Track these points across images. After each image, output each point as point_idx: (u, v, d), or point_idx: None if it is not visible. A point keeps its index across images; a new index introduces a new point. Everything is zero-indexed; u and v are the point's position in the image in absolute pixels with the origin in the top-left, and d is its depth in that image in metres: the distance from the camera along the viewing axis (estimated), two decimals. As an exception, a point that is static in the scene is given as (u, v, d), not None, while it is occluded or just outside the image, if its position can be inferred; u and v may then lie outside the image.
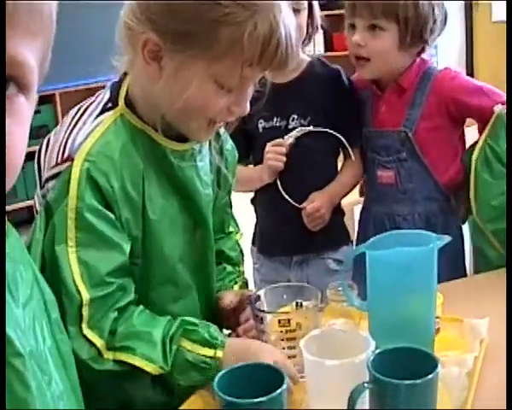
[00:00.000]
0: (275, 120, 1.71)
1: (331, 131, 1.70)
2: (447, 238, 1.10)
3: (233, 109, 1.11)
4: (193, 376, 1.09)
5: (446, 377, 1.08)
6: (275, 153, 1.67)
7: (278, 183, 1.71)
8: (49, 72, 0.61)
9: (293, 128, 1.70)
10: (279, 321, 1.15)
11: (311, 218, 1.69)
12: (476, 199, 1.59)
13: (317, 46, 4.86)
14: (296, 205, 1.72)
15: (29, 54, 0.56)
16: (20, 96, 0.57)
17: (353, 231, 1.99)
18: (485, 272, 1.59)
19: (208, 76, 1.06)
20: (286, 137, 1.69)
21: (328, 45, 5.13)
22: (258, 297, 1.21)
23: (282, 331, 1.15)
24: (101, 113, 1.12)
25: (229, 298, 1.28)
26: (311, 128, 1.70)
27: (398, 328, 1.14)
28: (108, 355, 1.07)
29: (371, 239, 1.16)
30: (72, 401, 0.71)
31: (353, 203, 2.26)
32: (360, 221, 1.86)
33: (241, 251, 1.46)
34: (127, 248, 1.11)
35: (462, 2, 5.60)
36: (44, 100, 4.07)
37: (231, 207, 1.44)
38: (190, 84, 1.06)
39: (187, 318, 1.13)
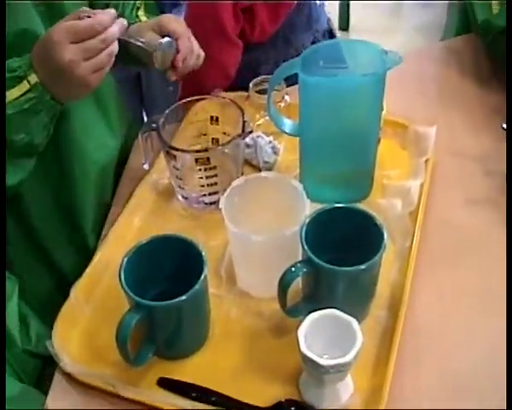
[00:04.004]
0: None
1: None
2: (399, 59, 0.89)
3: None
4: (31, 128, 0.86)
5: (388, 214, 0.97)
6: None
7: None
8: None
9: None
10: (196, 160, 0.96)
11: None
12: None
13: None
14: None
15: None
16: None
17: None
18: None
19: None
20: None
21: None
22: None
23: (200, 169, 0.97)
24: None
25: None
26: None
27: (334, 155, 0.99)
28: None
29: (304, 53, 0.93)
30: None
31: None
32: None
33: None
34: None
35: None
36: None
37: None
38: None
39: None
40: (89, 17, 0.83)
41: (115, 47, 0.85)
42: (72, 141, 0.99)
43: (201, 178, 0.98)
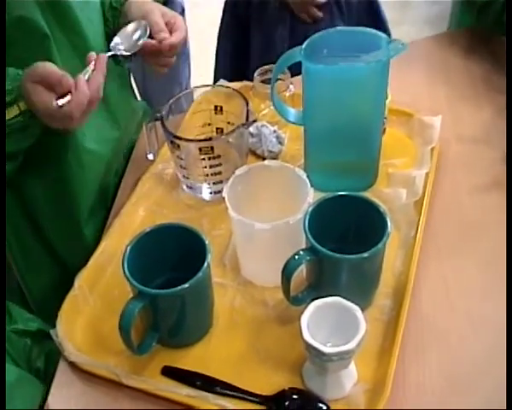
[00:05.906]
0: None
1: None
2: (402, 47, 0.88)
3: None
4: (20, 141, 0.88)
5: (393, 203, 0.96)
6: None
7: None
8: None
9: None
10: (200, 149, 0.96)
11: None
12: None
13: None
14: None
15: None
16: None
17: None
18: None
19: None
20: None
21: None
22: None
23: (204, 159, 0.97)
24: None
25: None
26: None
27: (339, 143, 0.98)
28: None
29: (308, 40, 0.92)
30: None
31: None
32: None
33: None
34: None
35: None
36: None
37: None
38: None
39: None
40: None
41: None
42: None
43: (205, 167, 0.98)
